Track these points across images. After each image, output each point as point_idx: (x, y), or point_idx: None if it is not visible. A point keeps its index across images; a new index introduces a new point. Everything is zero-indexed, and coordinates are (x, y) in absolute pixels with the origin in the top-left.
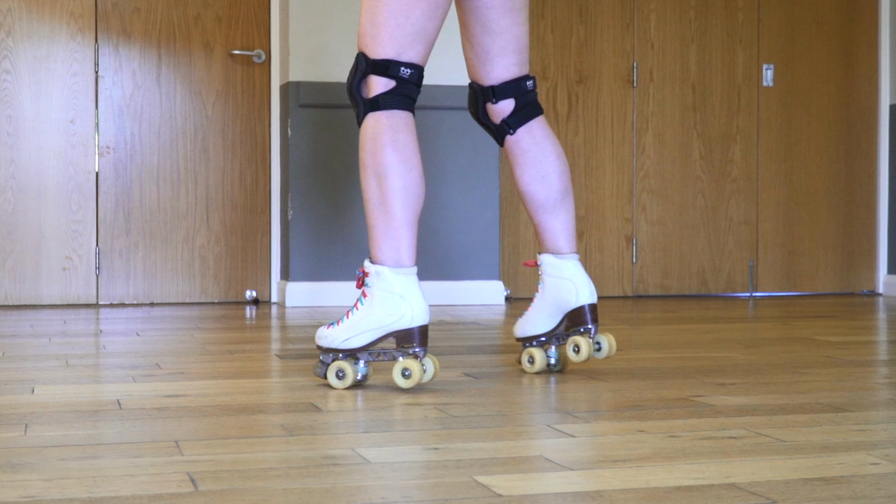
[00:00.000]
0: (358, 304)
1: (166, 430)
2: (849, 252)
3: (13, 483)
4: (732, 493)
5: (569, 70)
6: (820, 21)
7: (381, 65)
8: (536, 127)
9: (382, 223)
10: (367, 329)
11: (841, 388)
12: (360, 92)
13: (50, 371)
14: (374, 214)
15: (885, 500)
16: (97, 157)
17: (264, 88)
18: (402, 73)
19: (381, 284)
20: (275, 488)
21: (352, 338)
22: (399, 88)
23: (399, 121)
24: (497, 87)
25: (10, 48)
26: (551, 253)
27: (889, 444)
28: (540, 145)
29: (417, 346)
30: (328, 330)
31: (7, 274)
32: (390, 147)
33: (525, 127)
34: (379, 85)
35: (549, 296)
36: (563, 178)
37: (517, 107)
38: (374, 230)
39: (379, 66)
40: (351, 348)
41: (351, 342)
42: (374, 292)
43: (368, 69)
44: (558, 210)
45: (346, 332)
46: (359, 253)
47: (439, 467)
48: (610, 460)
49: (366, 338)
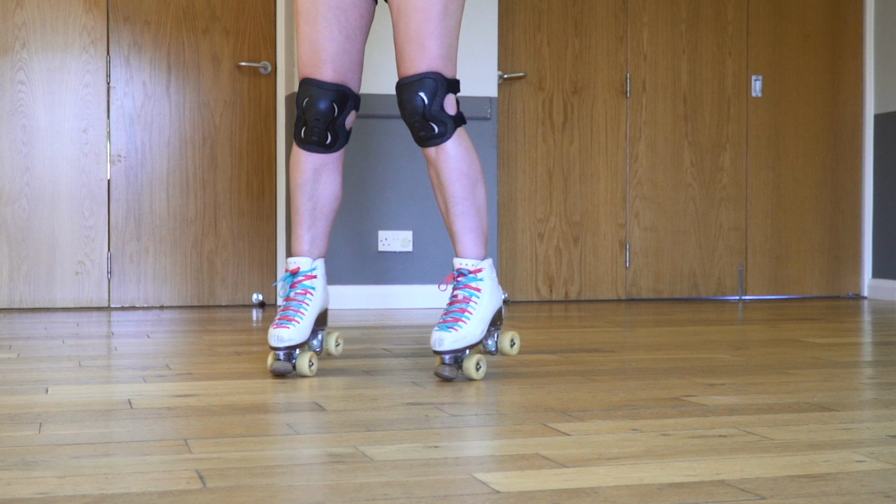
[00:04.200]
0: (474, 298)
1: (175, 428)
2: (835, 257)
3: (28, 480)
4: (722, 490)
5: (564, 81)
6: (807, 34)
7: (456, 84)
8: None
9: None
10: (488, 316)
11: (827, 388)
12: (445, 111)
13: (63, 372)
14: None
15: (869, 496)
16: (109, 166)
17: (270, 99)
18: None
19: (492, 275)
20: (280, 485)
21: (483, 329)
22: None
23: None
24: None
25: (24, 60)
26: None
27: (873, 443)
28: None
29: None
30: (457, 333)
31: (22, 278)
32: (478, 158)
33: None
34: (454, 103)
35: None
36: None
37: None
38: (477, 232)
39: (454, 86)
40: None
41: (483, 332)
42: (487, 284)
43: (449, 89)
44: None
45: (479, 326)
46: (360, 256)
47: (439, 465)
48: (604, 458)
49: (486, 325)
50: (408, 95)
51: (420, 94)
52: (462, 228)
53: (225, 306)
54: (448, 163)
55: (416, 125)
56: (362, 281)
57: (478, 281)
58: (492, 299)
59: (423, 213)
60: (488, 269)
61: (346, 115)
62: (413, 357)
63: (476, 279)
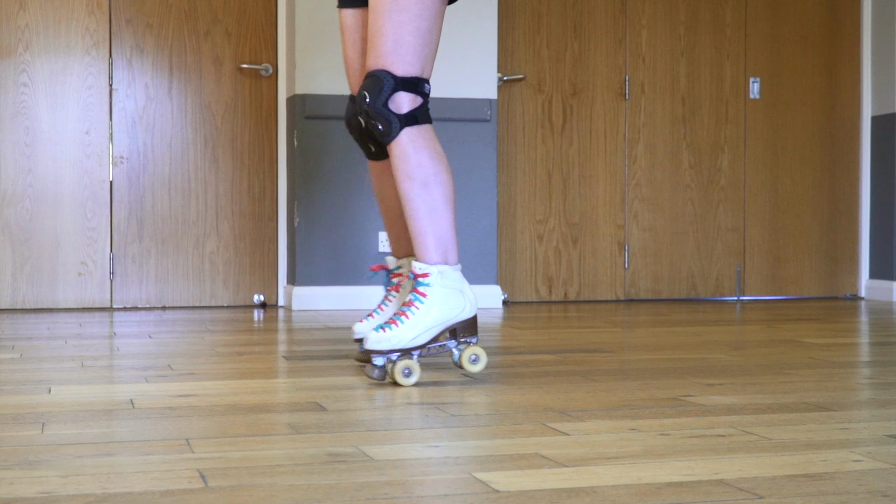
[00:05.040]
0: (416, 303)
1: (177, 428)
2: (832, 257)
3: (31, 479)
4: (721, 489)
5: (564, 83)
6: (804, 36)
7: (411, 82)
8: None
9: (435, 227)
10: (432, 325)
11: (825, 388)
12: (388, 108)
13: (66, 372)
14: (425, 220)
15: (866, 495)
16: (111, 167)
17: (271, 101)
18: (426, 89)
19: (444, 282)
20: (281, 484)
21: (419, 336)
22: (425, 104)
23: (432, 132)
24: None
25: (27, 62)
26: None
27: (871, 442)
28: None
29: (474, 335)
30: (385, 333)
31: (25, 279)
32: (433, 157)
33: None
34: (408, 101)
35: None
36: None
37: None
38: (427, 234)
39: (408, 84)
40: (418, 345)
41: (418, 339)
42: (435, 290)
43: (398, 86)
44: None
45: (412, 331)
46: (361, 258)
47: (439, 464)
48: (603, 457)
49: (431, 333)
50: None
51: (363, 91)
52: (412, 231)
53: (226, 307)
54: (394, 162)
55: (364, 123)
56: (363, 282)
57: (423, 286)
58: (443, 307)
59: None
60: (436, 276)
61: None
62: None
63: (421, 283)
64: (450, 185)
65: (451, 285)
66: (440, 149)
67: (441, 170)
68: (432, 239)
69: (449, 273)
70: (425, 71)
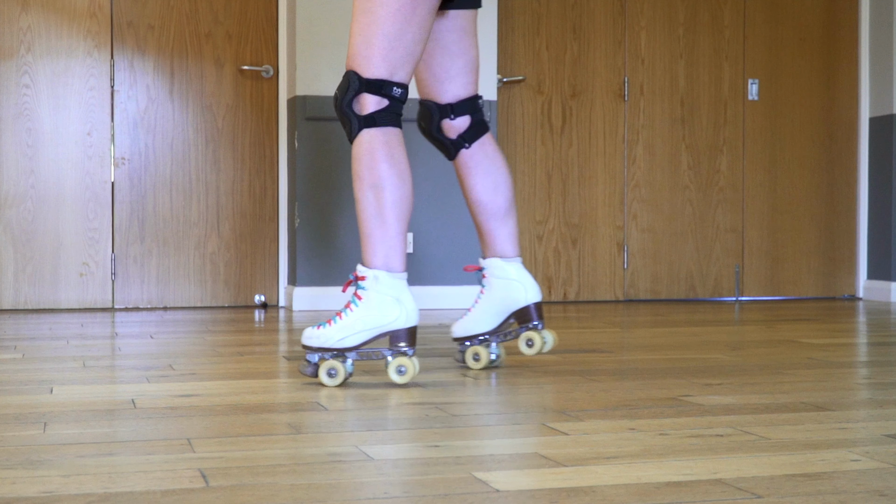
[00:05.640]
0: (351, 305)
1: (178, 428)
2: (830, 258)
3: (33, 479)
4: (719, 489)
5: (563, 85)
6: (803, 38)
7: (376, 84)
8: (487, 142)
9: (380, 232)
10: (362, 329)
11: (823, 388)
12: (352, 108)
13: (68, 372)
14: (370, 223)
15: (864, 494)
16: (113, 168)
17: (272, 102)
18: (395, 92)
19: (379, 287)
20: (282, 484)
21: (347, 337)
22: (392, 107)
23: (393, 137)
24: (455, 104)
25: (29, 63)
26: (498, 257)
27: (868, 442)
28: (491, 158)
29: (408, 346)
30: (318, 330)
31: (27, 279)
32: (387, 162)
33: (478, 142)
34: (372, 103)
35: (495, 296)
36: (511, 188)
37: (472, 123)
38: (370, 238)
39: (373, 85)
40: (345, 347)
41: (346, 341)
42: (370, 295)
43: (362, 87)
44: (507, 218)
45: (341, 332)
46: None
47: (439, 464)
48: (602, 457)
49: (360, 337)
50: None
51: (336, 90)
52: (360, 232)
53: (227, 307)
54: (352, 162)
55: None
56: None
57: (360, 289)
58: (376, 313)
59: (424, 216)
60: (372, 280)
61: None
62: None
63: (359, 287)
64: (402, 191)
65: (387, 292)
66: (401, 155)
67: (394, 175)
68: (374, 243)
69: (385, 280)
70: (396, 74)
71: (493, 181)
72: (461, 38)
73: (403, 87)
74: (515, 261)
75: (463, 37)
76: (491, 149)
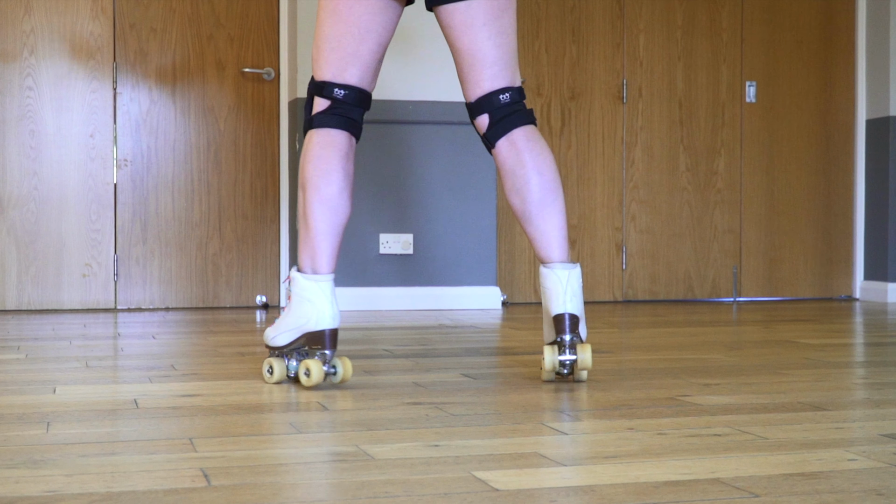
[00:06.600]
0: (287, 306)
1: (181, 428)
2: (827, 259)
3: (36, 478)
4: (717, 488)
5: (562, 87)
6: (800, 41)
7: (320, 86)
8: (520, 138)
9: (303, 232)
10: (286, 329)
11: (820, 388)
12: (309, 111)
13: (70, 372)
14: (299, 224)
15: (861, 494)
16: (115, 170)
17: (274, 104)
18: (336, 93)
19: (296, 289)
20: (284, 483)
21: (277, 336)
22: (334, 108)
23: (329, 139)
24: (471, 104)
25: (32, 66)
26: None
27: (865, 441)
28: (519, 157)
29: (324, 348)
30: (270, 327)
31: (30, 280)
32: (313, 163)
33: (506, 139)
34: (318, 105)
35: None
36: (542, 189)
37: (492, 121)
38: (299, 238)
39: (318, 88)
40: (275, 346)
41: (276, 340)
42: (294, 297)
43: (313, 90)
44: (536, 220)
45: (273, 332)
46: (362, 260)
47: (440, 463)
48: (601, 456)
49: (286, 337)
50: None
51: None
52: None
53: (229, 308)
54: None
55: None
56: (364, 283)
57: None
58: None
59: (424, 217)
60: (292, 281)
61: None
62: (413, 357)
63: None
64: (327, 192)
65: (300, 293)
66: (332, 155)
67: (317, 176)
68: (301, 244)
69: (299, 281)
70: (341, 75)
71: (514, 183)
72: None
73: (349, 88)
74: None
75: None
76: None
